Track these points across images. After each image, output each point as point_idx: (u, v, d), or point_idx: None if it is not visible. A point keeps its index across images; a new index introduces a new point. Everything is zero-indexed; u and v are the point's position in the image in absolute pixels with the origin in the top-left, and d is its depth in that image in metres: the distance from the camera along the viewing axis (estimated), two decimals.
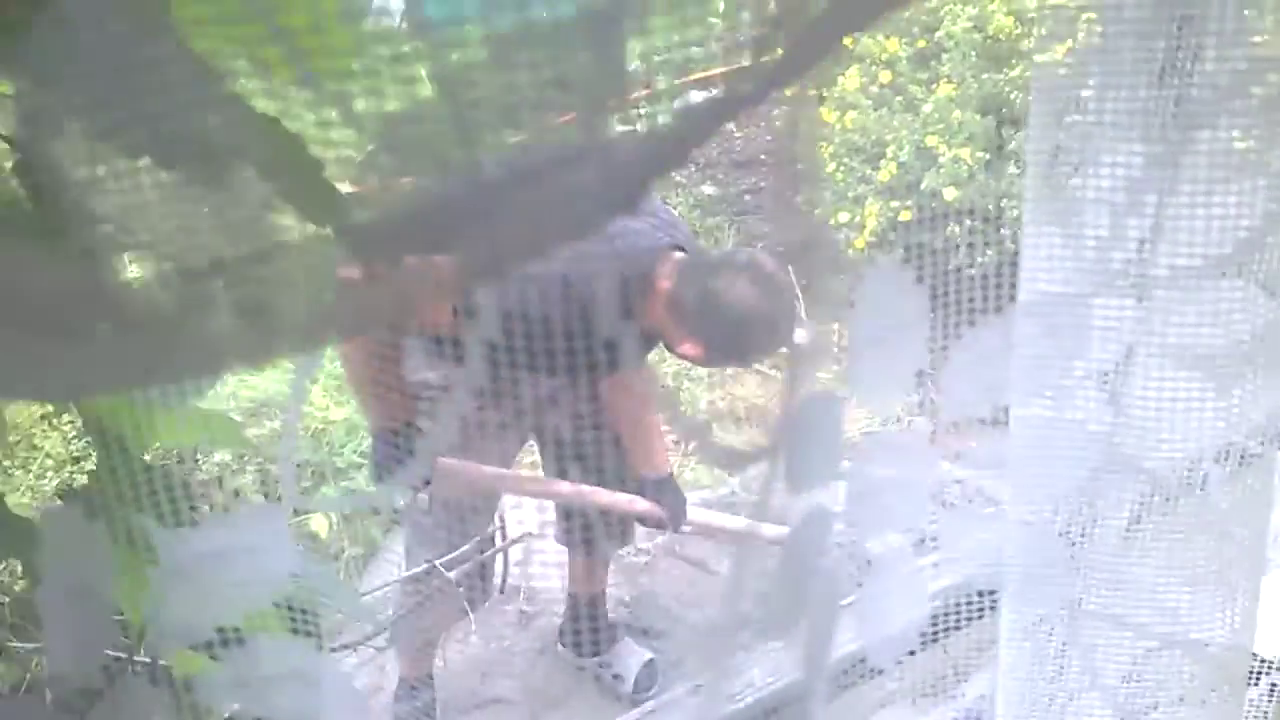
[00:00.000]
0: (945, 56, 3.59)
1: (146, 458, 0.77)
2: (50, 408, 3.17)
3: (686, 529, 2.39)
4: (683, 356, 2.12)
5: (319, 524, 2.99)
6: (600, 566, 2.69)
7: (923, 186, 3.39)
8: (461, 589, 2.27)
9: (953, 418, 0.86)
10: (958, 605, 0.99)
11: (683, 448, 3.28)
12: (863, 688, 1.02)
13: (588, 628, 2.72)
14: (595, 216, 0.48)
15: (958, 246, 3.38)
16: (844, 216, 3.61)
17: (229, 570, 0.74)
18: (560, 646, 2.76)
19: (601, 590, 2.73)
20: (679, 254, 2.06)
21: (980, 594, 0.98)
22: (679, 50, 0.48)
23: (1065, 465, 0.85)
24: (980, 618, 1.01)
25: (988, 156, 3.36)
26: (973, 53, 3.52)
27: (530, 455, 2.64)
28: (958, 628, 1.00)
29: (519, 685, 2.74)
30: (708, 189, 4.53)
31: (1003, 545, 0.89)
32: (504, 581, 2.82)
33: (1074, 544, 0.87)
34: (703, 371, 3.57)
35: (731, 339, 2.00)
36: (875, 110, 3.65)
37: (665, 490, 2.36)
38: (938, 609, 0.97)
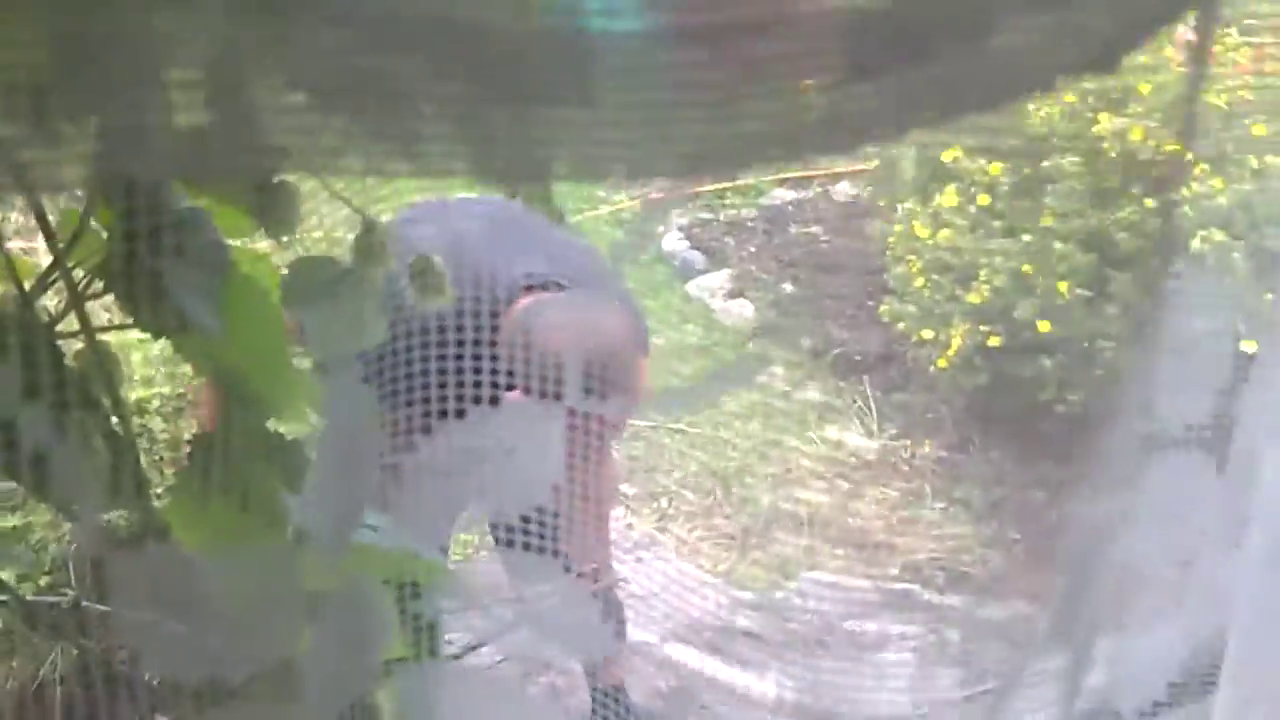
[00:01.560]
0: (1050, 188, 3.54)
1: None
2: None
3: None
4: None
5: None
6: (612, 660, 2.58)
7: (1015, 314, 3.33)
8: None
9: (1244, 446, 0.80)
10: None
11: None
12: None
13: (614, 718, 2.63)
14: (1056, 74, 0.47)
15: (1047, 382, 3.32)
16: (928, 334, 3.55)
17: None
18: None
19: (619, 681, 2.62)
20: (541, 294, 1.83)
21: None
22: None
23: None
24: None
25: (1089, 294, 3.30)
26: (1080, 188, 3.47)
27: None
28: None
29: None
30: (788, 287, 4.50)
31: (1241, 586, 0.83)
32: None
33: None
34: (763, 472, 3.51)
35: (545, 380, 1.70)
36: (971, 231, 3.60)
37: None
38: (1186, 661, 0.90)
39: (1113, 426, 0.67)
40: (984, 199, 3.65)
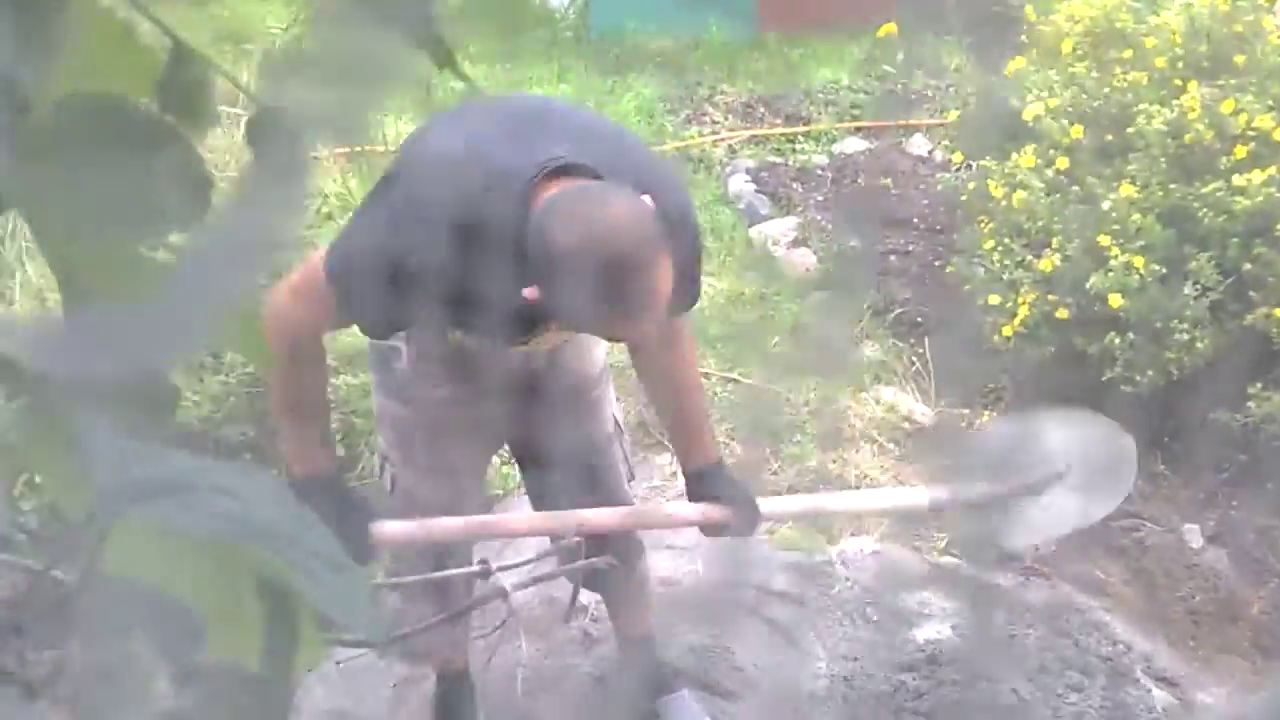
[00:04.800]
0: (1133, 156, 3.40)
1: None
2: None
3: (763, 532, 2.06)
4: (528, 300, 1.67)
5: None
6: (638, 610, 2.54)
7: (1087, 286, 3.22)
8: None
9: None
10: None
11: None
12: None
13: (639, 672, 2.59)
14: None
15: (1115, 359, 3.21)
16: (995, 300, 3.44)
17: None
18: (617, 682, 2.64)
19: (647, 634, 2.58)
20: (567, 180, 1.67)
21: None
22: None
23: None
24: None
25: (1164, 271, 3.17)
26: (1163, 159, 3.33)
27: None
28: None
29: (567, 710, 2.62)
30: (853, 241, 4.39)
31: None
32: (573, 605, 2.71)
33: None
34: (814, 431, 3.43)
35: (559, 283, 1.60)
36: (1047, 196, 3.47)
37: (724, 483, 2.03)
38: None
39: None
40: (1063, 162, 3.52)
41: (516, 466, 2.41)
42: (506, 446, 2.32)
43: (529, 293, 1.63)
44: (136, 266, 0.62)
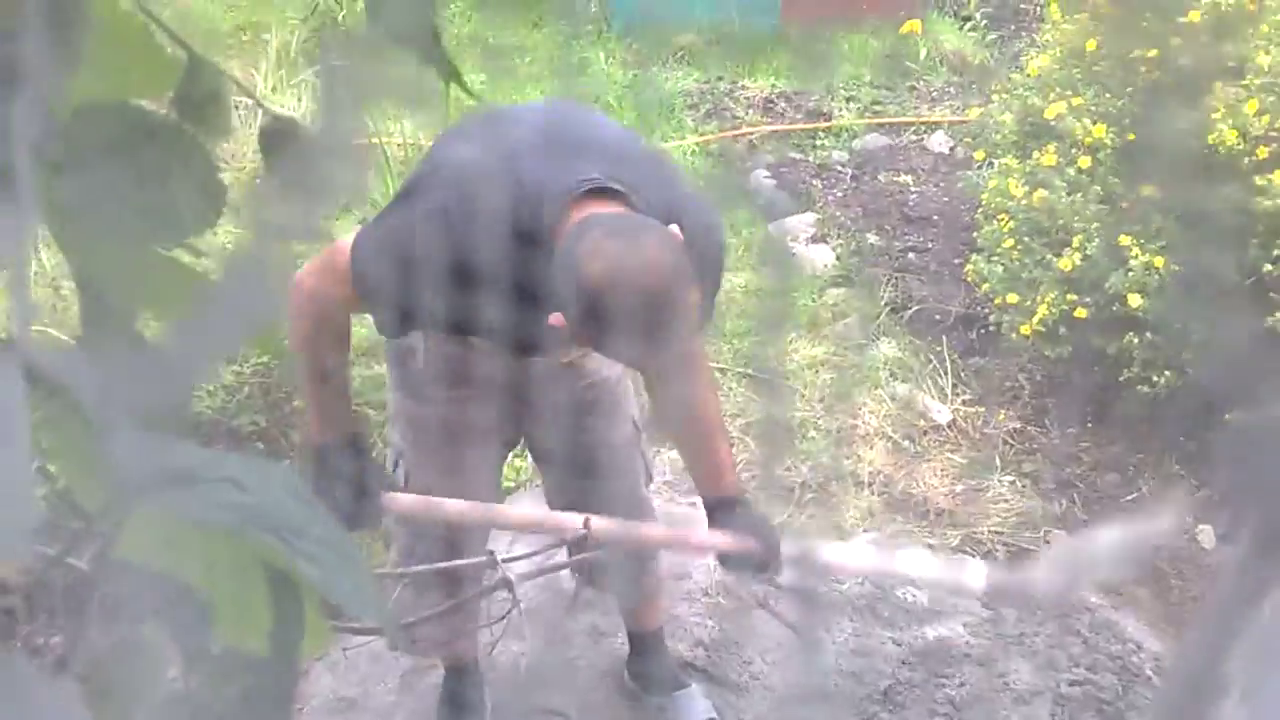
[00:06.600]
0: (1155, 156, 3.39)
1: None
2: None
3: (819, 575, 1.99)
4: (553, 325, 1.65)
5: None
6: (650, 604, 2.54)
7: (1106, 286, 3.21)
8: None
9: None
10: None
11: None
12: None
13: (648, 667, 2.60)
14: None
15: (1133, 359, 3.20)
16: (1013, 298, 3.43)
17: None
18: (625, 676, 2.65)
19: (657, 629, 2.59)
20: (599, 202, 1.65)
21: None
22: None
23: None
24: None
25: (1185, 272, 3.16)
26: (1187, 159, 3.31)
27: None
28: None
29: (576, 703, 2.63)
30: (872, 237, 4.38)
31: None
32: (577, 597, 2.71)
33: None
34: (828, 427, 3.43)
35: (585, 316, 1.58)
36: (1068, 195, 3.46)
37: (747, 519, 1.95)
38: None
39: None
40: (1085, 161, 3.50)
41: (534, 465, 2.40)
42: (526, 446, 2.30)
43: (554, 319, 1.62)
44: (153, 270, 0.63)
